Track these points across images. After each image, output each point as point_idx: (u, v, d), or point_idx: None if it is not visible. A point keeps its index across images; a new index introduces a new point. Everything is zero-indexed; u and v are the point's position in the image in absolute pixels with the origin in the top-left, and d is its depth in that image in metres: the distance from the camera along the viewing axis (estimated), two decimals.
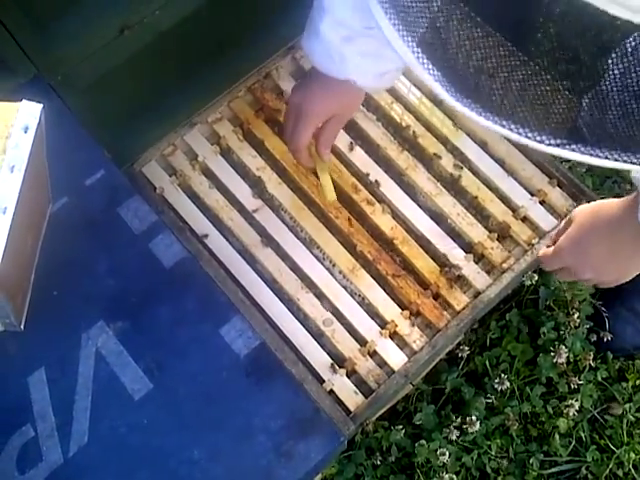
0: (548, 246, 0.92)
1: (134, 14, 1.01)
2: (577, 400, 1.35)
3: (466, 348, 1.38)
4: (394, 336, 1.13)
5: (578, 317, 1.37)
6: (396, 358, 1.11)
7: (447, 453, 1.28)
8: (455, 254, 1.15)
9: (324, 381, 1.09)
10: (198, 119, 1.25)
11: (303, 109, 0.83)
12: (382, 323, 1.13)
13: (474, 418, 1.31)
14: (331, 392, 1.09)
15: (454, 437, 1.33)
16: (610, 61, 0.32)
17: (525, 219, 1.18)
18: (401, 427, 1.34)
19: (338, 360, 1.11)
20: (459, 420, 1.33)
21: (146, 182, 1.22)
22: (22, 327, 0.81)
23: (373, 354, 1.12)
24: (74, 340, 0.81)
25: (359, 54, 0.75)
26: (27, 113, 0.68)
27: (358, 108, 0.86)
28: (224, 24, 1.16)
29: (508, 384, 1.34)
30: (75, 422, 0.75)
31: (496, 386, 1.35)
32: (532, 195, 1.18)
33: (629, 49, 0.31)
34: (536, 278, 1.37)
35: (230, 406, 0.79)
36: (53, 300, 0.83)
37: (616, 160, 0.35)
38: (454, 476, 1.29)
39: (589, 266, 0.83)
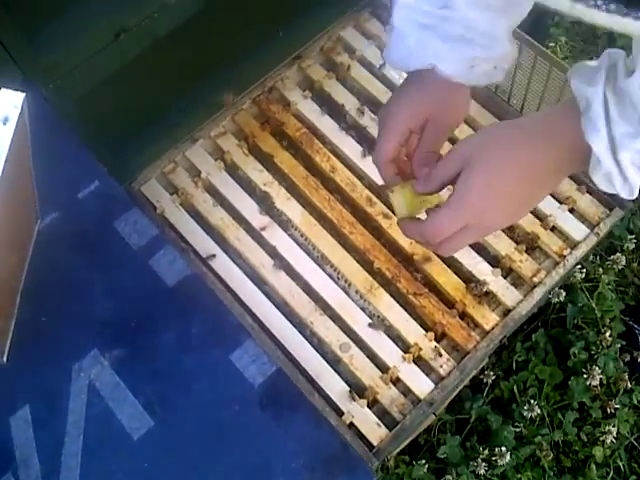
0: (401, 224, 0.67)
1: (130, 17, 0.92)
2: (614, 426, 1.22)
3: (491, 373, 1.26)
4: (418, 361, 1.01)
5: (610, 335, 1.25)
6: (422, 385, 0.99)
7: None
8: (481, 269, 1.04)
9: (343, 413, 0.97)
10: (200, 134, 1.15)
11: (385, 114, 0.66)
12: (405, 347, 1.01)
13: (503, 449, 1.19)
14: (351, 425, 0.96)
15: (482, 471, 1.20)
16: None
17: (554, 229, 1.07)
18: (424, 462, 1.21)
19: (358, 389, 0.99)
20: (486, 452, 1.20)
21: (145, 201, 1.11)
22: (4, 359, 0.70)
23: (396, 381, 1.00)
24: (64, 372, 0.69)
25: (439, 38, 0.63)
26: (7, 102, 0.58)
27: (462, 111, 0.66)
28: (225, 31, 1.07)
29: (538, 411, 1.21)
30: (64, 469, 0.63)
31: (525, 413, 1.22)
32: (560, 203, 1.08)
33: None
34: (564, 295, 1.26)
35: (244, 444, 0.67)
36: (41, 327, 0.72)
37: None
38: None
39: (502, 212, 0.60)
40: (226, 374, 0.69)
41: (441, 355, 1.00)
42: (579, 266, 1.22)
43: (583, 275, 1.29)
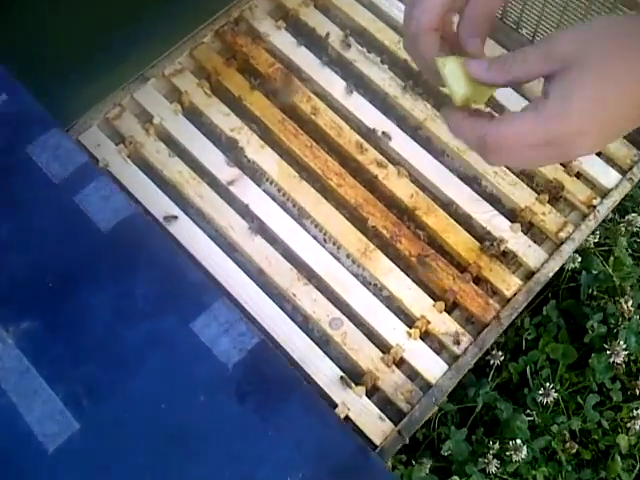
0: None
1: None
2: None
3: (499, 353, 1.06)
4: (427, 337, 0.80)
5: (631, 305, 1.07)
6: (432, 367, 0.78)
7: None
8: (497, 224, 0.85)
9: (336, 405, 0.75)
10: (152, 72, 0.93)
11: None
12: (409, 320, 0.81)
13: (518, 442, 0.99)
14: (347, 419, 0.76)
15: (493, 469, 1.00)
16: None
17: (579, 175, 0.88)
18: (425, 461, 1.01)
19: (353, 374, 0.78)
20: (497, 446, 1.01)
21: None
22: None
23: (400, 363, 0.79)
24: None
25: None
26: None
27: None
28: None
29: (555, 395, 1.02)
30: None
31: (539, 399, 1.03)
32: None
33: None
34: (579, 260, 1.08)
35: (215, 450, 0.45)
36: None
37: None
38: None
39: (599, 137, 0.44)
40: (186, 350, 0.47)
41: (454, 329, 0.80)
42: None
43: (596, 239, 1.11)
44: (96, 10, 0.85)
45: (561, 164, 0.88)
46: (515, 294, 0.82)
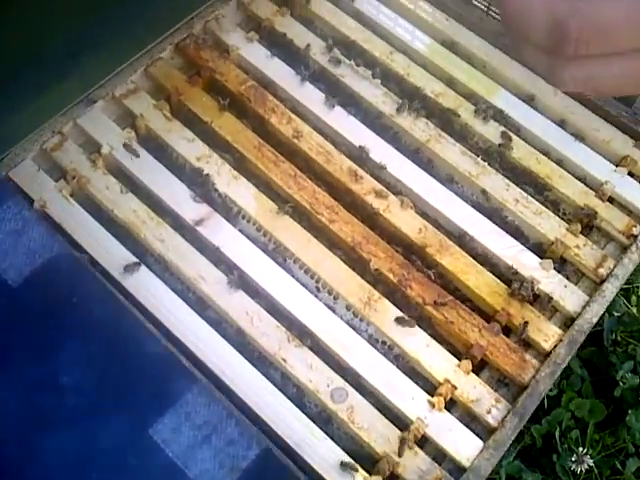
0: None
1: None
2: None
3: None
4: (453, 406, 0.64)
5: None
6: (464, 445, 0.61)
7: None
8: (525, 261, 0.70)
9: None
10: (99, 93, 0.76)
11: None
12: (430, 387, 0.64)
13: None
14: None
15: None
16: None
17: (612, 200, 0.75)
18: None
19: (365, 460, 0.60)
20: None
21: (17, 192, 0.70)
22: None
23: (423, 442, 0.62)
24: None
25: None
26: None
27: None
28: None
29: (590, 462, 0.87)
30: None
31: (571, 466, 0.87)
32: (616, 165, 0.76)
33: None
34: None
35: None
36: None
37: None
38: None
39: None
40: (144, 474, 0.29)
41: (485, 394, 0.64)
42: None
43: None
44: (27, 17, 0.69)
45: (589, 187, 0.74)
46: (555, 346, 0.66)
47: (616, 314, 0.97)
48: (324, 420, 0.63)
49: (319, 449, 0.60)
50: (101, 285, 0.37)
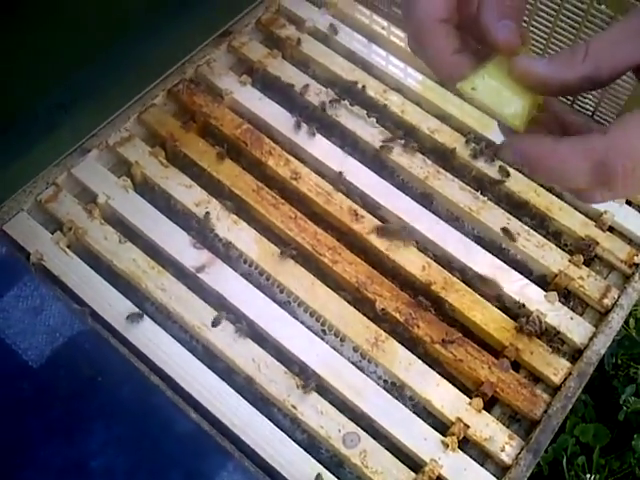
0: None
1: None
2: None
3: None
4: (466, 445, 0.64)
5: None
6: None
7: None
8: (530, 294, 0.70)
9: None
10: (93, 141, 0.77)
11: None
12: (442, 426, 0.64)
13: None
14: None
15: None
16: None
17: (612, 229, 0.76)
18: None
19: None
20: None
21: (13, 247, 0.70)
22: None
23: None
24: None
25: None
26: None
27: None
28: None
29: None
30: None
31: None
32: None
33: None
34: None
35: None
36: None
37: None
38: None
39: None
40: None
41: (499, 432, 0.64)
42: None
43: None
44: (17, 69, 0.69)
45: (588, 217, 0.75)
46: (565, 379, 0.67)
47: (616, 338, 0.98)
48: (335, 465, 0.63)
49: None
50: (125, 362, 0.36)
